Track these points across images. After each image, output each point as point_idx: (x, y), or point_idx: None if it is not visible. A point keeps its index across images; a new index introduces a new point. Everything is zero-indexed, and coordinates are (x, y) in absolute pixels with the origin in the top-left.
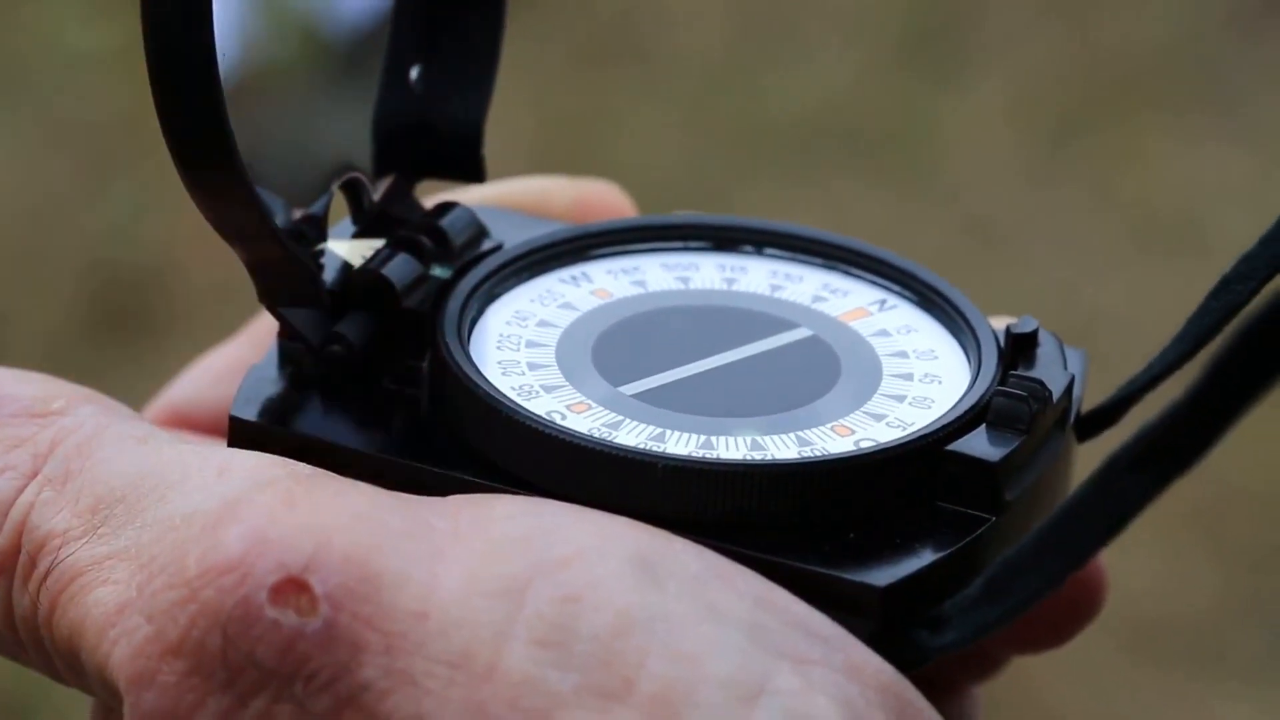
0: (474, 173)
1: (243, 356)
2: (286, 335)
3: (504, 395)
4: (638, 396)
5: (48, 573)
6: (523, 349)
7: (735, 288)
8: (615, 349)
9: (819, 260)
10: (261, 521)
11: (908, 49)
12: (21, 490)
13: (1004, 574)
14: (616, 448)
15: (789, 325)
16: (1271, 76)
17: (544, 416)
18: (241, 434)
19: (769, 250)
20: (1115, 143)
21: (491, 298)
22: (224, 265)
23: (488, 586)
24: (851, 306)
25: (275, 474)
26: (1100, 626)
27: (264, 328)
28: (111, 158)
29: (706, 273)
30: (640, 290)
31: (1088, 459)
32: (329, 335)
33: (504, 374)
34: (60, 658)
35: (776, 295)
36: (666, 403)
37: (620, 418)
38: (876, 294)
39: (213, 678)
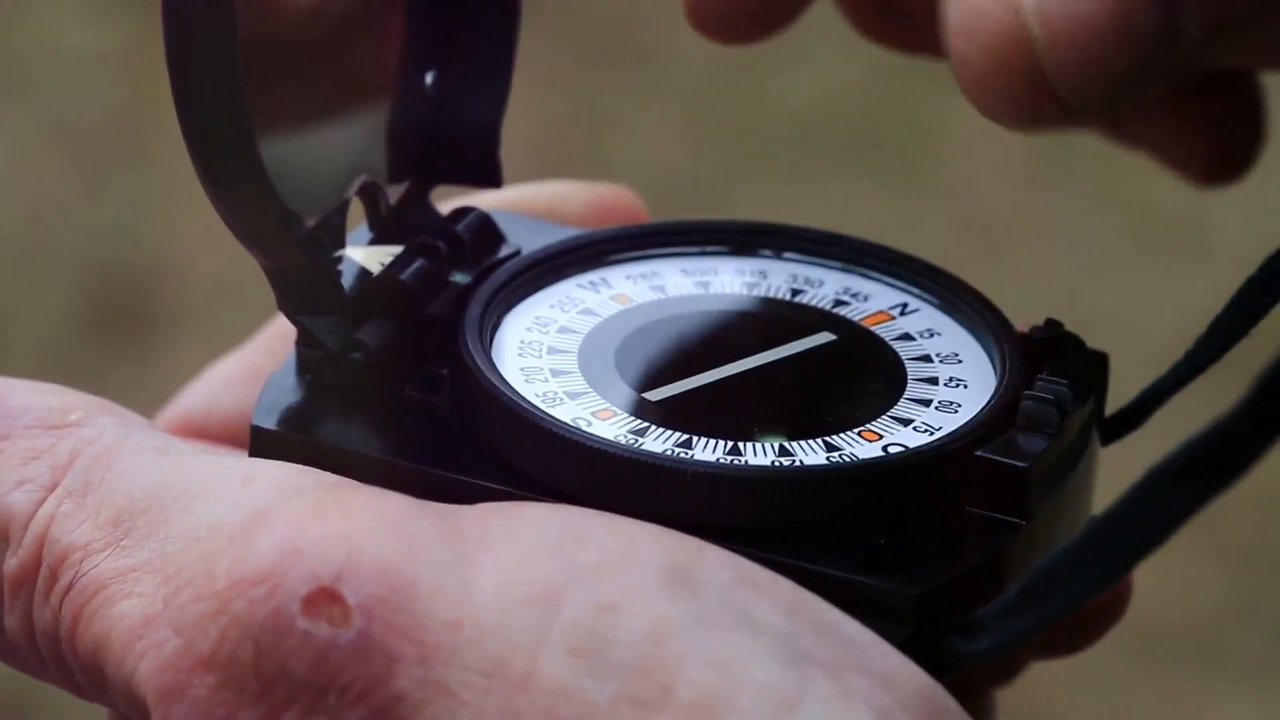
0: (490, 178)
1: (256, 363)
2: (305, 342)
3: (530, 402)
4: (663, 403)
5: (70, 586)
6: (545, 355)
7: (756, 292)
8: (637, 355)
9: (839, 264)
10: (291, 531)
11: None
12: (41, 503)
13: (1041, 582)
14: (645, 454)
15: (811, 330)
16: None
17: (570, 423)
18: (263, 443)
19: (788, 254)
20: None
21: (511, 304)
22: (224, 265)
23: (521, 594)
24: (873, 310)
25: (302, 483)
26: None
27: (276, 333)
28: (111, 158)
29: (725, 277)
30: (660, 295)
31: (1109, 462)
32: (348, 342)
33: (527, 381)
34: (82, 672)
35: (798, 300)
36: (692, 409)
37: (646, 424)
38: (898, 297)
39: (244, 690)
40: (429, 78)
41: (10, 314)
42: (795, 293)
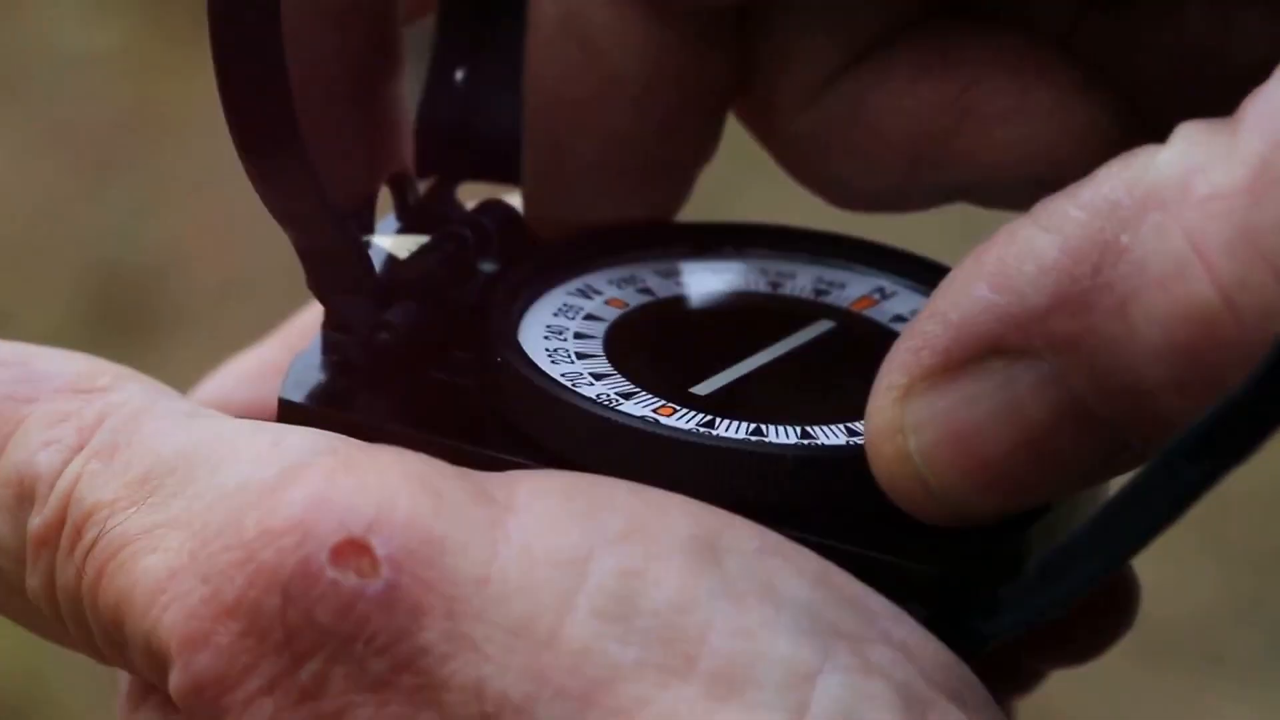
0: (516, 175)
1: (272, 359)
2: (333, 324)
3: (558, 380)
4: (690, 390)
5: (95, 542)
6: (571, 340)
7: (736, 288)
8: (661, 345)
9: (805, 256)
10: (322, 484)
11: None
12: (68, 462)
13: (1059, 559)
14: (672, 430)
15: (809, 320)
16: None
17: (598, 400)
18: (290, 417)
19: (750, 250)
20: None
21: (536, 293)
22: (224, 265)
23: (549, 556)
24: (856, 296)
25: (333, 444)
26: None
27: (295, 331)
28: (111, 158)
29: (700, 277)
30: (683, 290)
31: None
32: (376, 324)
33: (554, 362)
34: (102, 631)
35: (780, 293)
36: (716, 395)
37: (672, 405)
38: (873, 283)
39: (268, 639)
40: (459, 74)
41: (11, 314)
42: (775, 285)
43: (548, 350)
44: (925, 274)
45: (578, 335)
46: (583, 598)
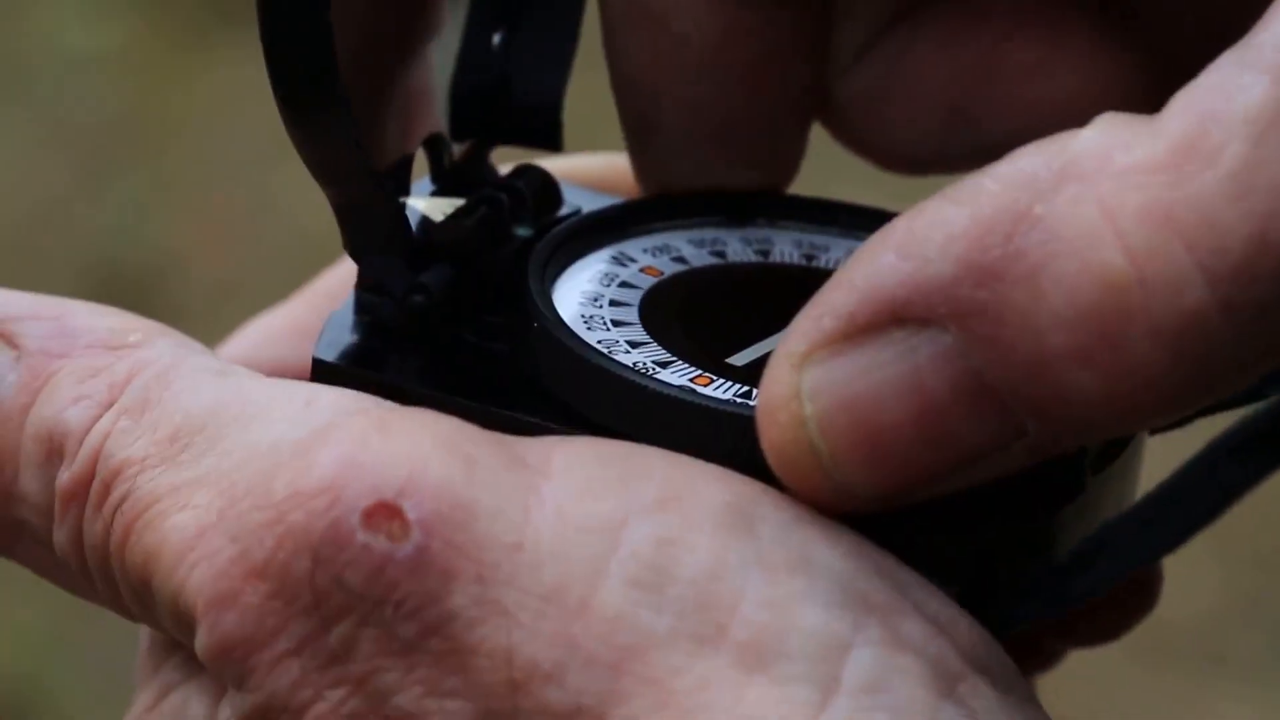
0: (552, 141)
1: (299, 318)
2: (367, 285)
3: (595, 347)
4: (725, 359)
5: (123, 499)
6: (607, 307)
7: (770, 260)
8: (694, 314)
9: (837, 229)
10: (354, 446)
11: None
12: (97, 419)
13: (1095, 548)
14: (709, 400)
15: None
16: None
17: (634, 368)
18: (323, 376)
19: (783, 222)
20: None
21: (572, 259)
22: (224, 265)
23: (582, 523)
24: (842, 259)
25: (365, 405)
26: None
27: (320, 291)
28: (111, 158)
29: (734, 247)
30: (719, 260)
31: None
32: (411, 285)
33: (589, 329)
34: (129, 588)
35: (814, 265)
36: (753, 369)
37: (709, 375)
38: (849, 244)
39: (296, 601)
40: (496, 39)
41: None
42: (809, 259)
43: (583, 317)
44: None
45: (613, 303)
46: (615, 565)
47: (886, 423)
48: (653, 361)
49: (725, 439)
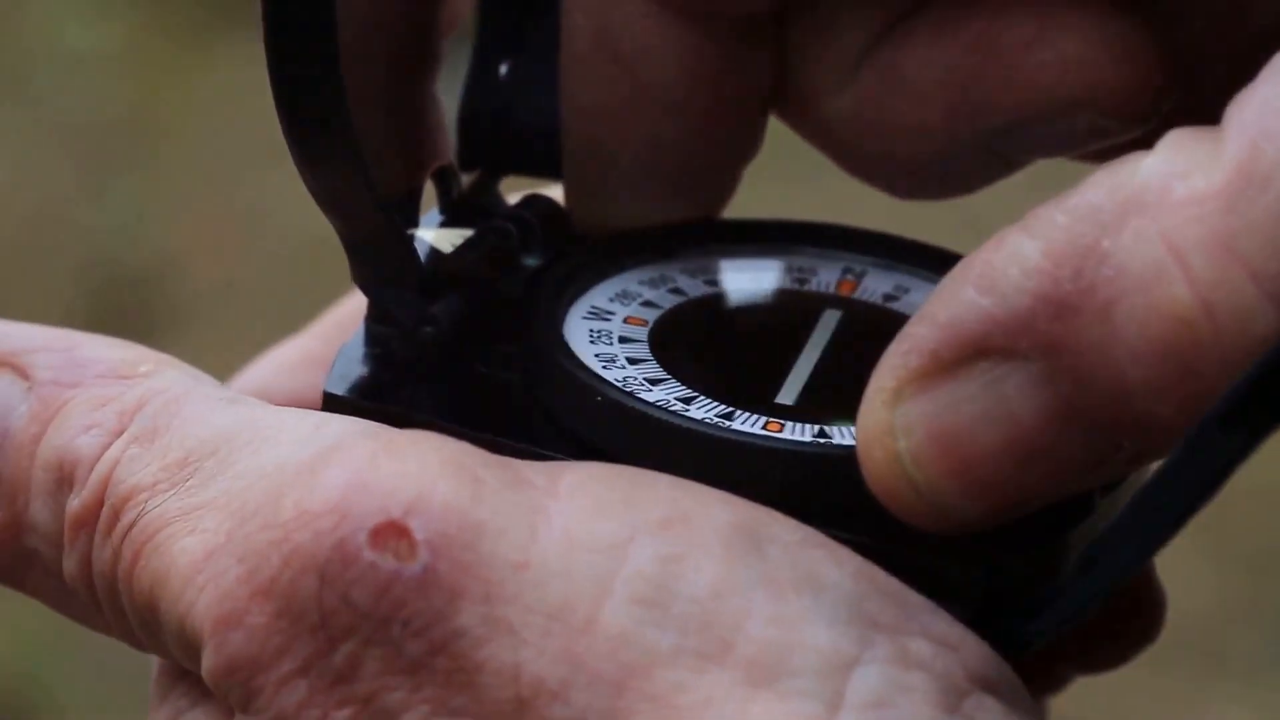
0: (558, 170)
1: (312, 350)
2: (377, 318)
3: (609, 381)
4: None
5: (132, 524)
6: (616, 344)
7: (764, 285)
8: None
9: (756, 248)
10: (361, 466)
11: None
12: (108, 446)
13: (1099, 548)
14: (732, 432)
15: (817, 312)
16: None
17: (656, 404)
18: (335, 411)
19: (711, 248)
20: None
21: (582, 289)
22: (224, 266)
23: (588, 542)
24: (834, 280)
25: (374, 428)
26: None
27: (332, 322)
28: (111, 158)
29: (730, 276)
30: (716, 290)
31: None
32: (421, 317)
33: (605, 368)
34: (137, 614)
35: (763, 286)
36: (801, 405)
37: (779, 421)
38: (838, 265)
39: (302, 620)
40: (502, 68)
41: (11, 313)
42: (756, 280)
43: (597, 356)
44: (904, 252)
45: (622, 340)
46: (621, 583)
47: (978, 453)
48: (676, 398)
49: (749, 471)
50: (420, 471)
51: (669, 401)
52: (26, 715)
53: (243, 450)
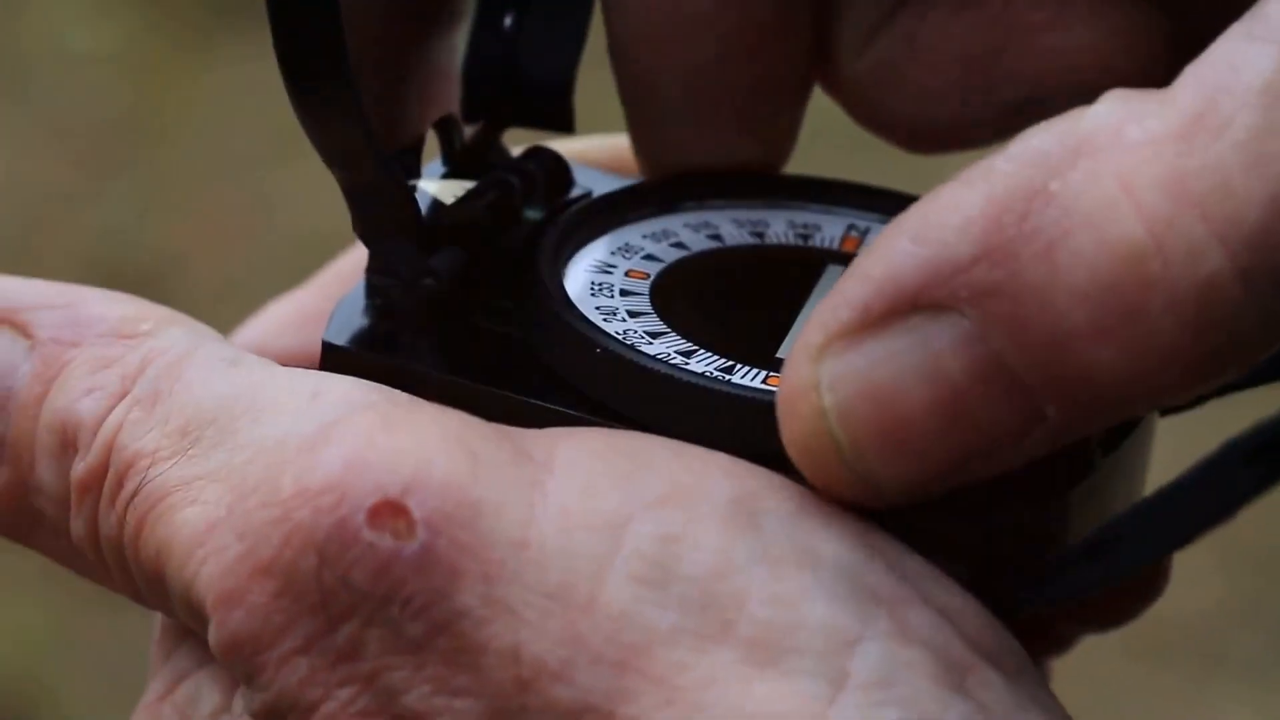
0: (563, 123)
1: (310, 306)
2: (377, 269)
3: (612, 335)
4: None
5: (135, 492)
6: (618, 297)
7: (778, 240)
8: (705, 307)
9: (761, 203)
10: (359, 444)
11: None
12: (110, 410)
13: (1107, 539)
14: (732, 386)
15: (820, 267)
16: None
17: (657, 356)
18: (333, 360)
19: (713, 202)
20: None
21: (583, 242)
22: (224, 265)
23: (587, 520)
24: (838, 236)
25: (371, 399)
26: None
27: (332, 277)
28: (111, 158)
29: (729, 230)
30: (717, 244)
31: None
32: (421, 269)
33: (605, 320)
34: (144, 578)
35: (766, 241)
36: (782, 358)
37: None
38: (844, 222)
39: (303, 600)
40: (507, 20)
41: None
42: (755, 234)
43: (598, 309)
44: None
45: (623, 293)
46: (620, 562)
47: (905, 411)
48: (676, 351)
49: (742, 427)
50: (417, 448)
51: (669, 355)
52: (26, 715)
53: (243, 418)
